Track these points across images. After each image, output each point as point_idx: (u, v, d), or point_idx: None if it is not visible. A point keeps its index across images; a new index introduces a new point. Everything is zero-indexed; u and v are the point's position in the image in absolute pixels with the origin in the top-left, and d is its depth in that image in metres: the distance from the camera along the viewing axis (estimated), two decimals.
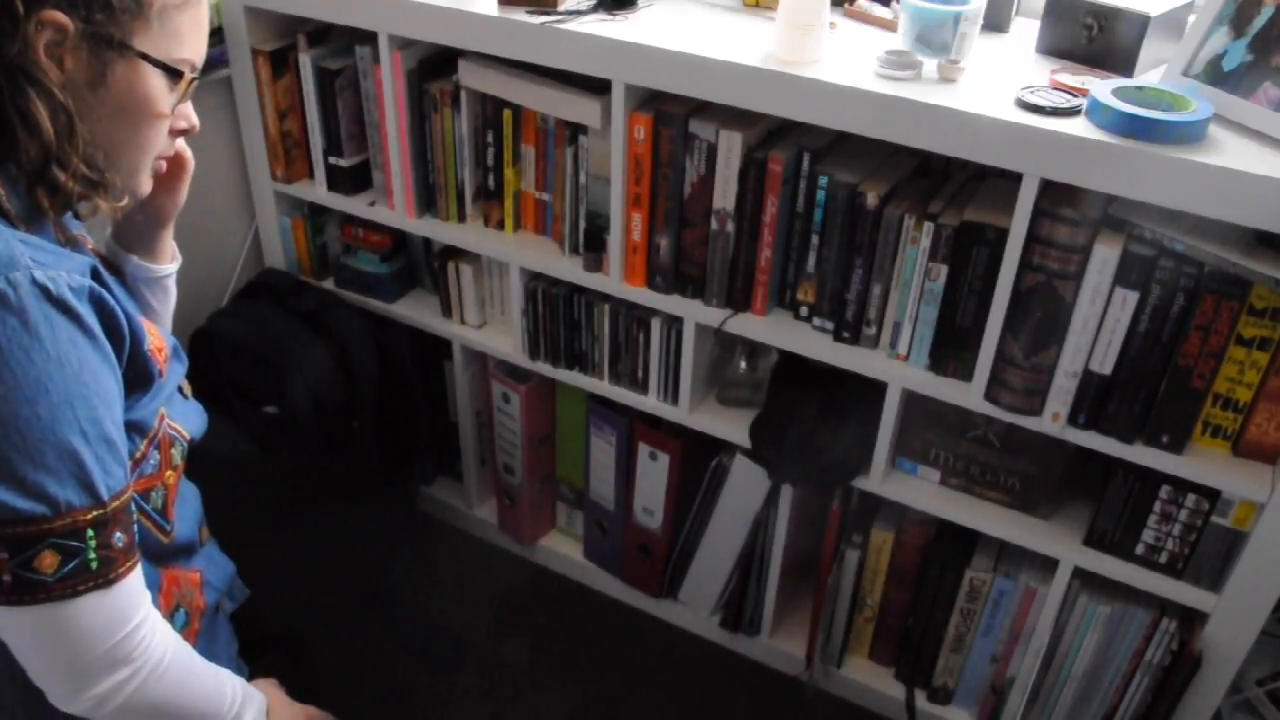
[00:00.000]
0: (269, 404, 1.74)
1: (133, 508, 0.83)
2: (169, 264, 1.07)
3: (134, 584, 0.82)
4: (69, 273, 0.77)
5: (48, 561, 0.76)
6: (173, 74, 0.84)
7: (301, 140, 1.83)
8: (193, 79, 0.86)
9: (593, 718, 1.80)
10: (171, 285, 1.08)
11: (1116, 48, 1.33)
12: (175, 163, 1.00)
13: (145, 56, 0.82)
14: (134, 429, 0.87)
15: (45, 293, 0.74)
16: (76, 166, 0.80)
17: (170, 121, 0.88)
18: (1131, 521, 1.41)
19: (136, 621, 0.82)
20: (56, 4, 0.77)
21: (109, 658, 0.81)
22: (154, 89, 0.84)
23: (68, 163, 0.79)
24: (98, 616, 0.79)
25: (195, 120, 0.92)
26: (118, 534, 0.80)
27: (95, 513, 0.77)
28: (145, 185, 0.90)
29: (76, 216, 0.88)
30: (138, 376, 0.87)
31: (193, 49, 0.87)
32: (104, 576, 0.79)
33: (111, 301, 0.80)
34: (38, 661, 0.81)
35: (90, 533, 0.77)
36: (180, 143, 0.97)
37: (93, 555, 0.77)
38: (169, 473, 0.94)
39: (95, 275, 0.80)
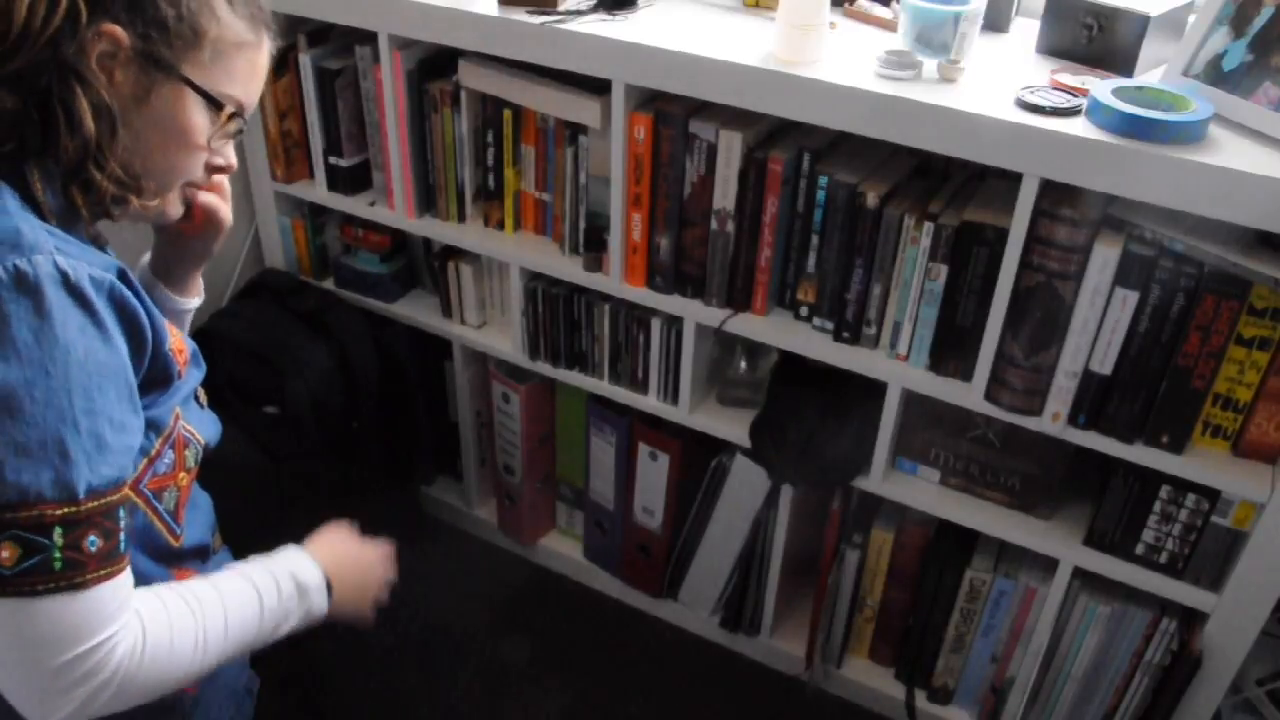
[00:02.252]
0: (269, 404, 1.74)
1: (121, 514, 0.79)
2: (194, 299, 1.09)
3: (104, 596, 0.76)
4: (92, 265, 0.76)
5: (6, 554, 0.72)
6: (215, 105, 0.85)
7: (301, 140, 1.83)
8: (233, 115, 0.87)
9: (593, 718, 1.80)
10: (190, 318, 1.10)
11: (1116, 48, 1.33)
12: (209, 218, 1.00)
13: (190, 83, 0.82)
14: (150, 426, 0.86)
15: (64, 278, 0.74)
16: (113, 169, 0.80)
17: (207, 156, 0.88)
18: (1131, 521, 1.41)
19: (102, 638, 0.76)
20: (117, 18, 0.77)
21: (70, 672, 0.75)
22: (194, 118, 0.84)
23: (104, 163, 0.79)
24: (57, 622, 0.74)
25: (234, 160, 0.93)
26: (91, 537, 0.76)
27: (65, 510, 0.74)
28: (174, 210, 0.91)
29: (109, 218, 0.89)
30: (158, 376, 0.86)
31: (243, 90, 0.87)
32: (67, 580, 0.74)
33: (133, 301, 0.79)
34: None
35: (58, 530, 0.74)
36: (216, 200, 0.99)
37: (57, 555, 0.74)
38: (182, 474, 0.93)
39: (122, 276, 0.80)
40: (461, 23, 1.50)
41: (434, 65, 1.66)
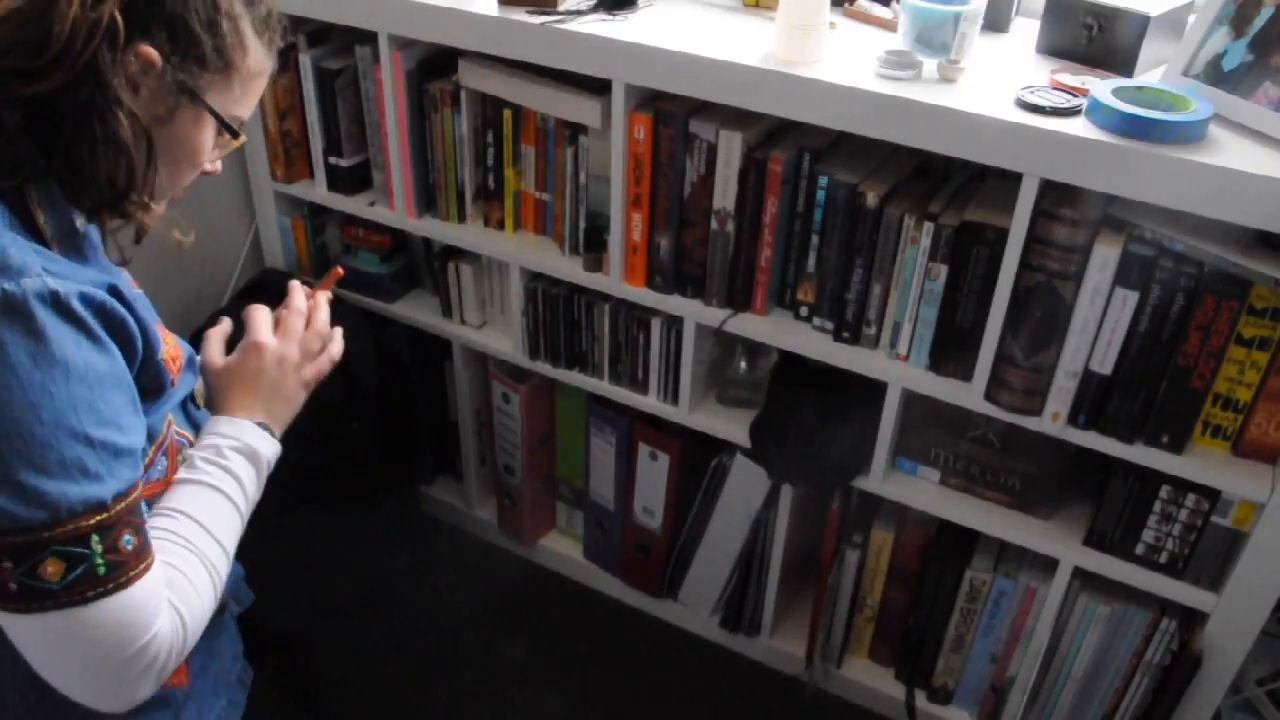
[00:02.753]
0: None
1: (144, 508, 0.82)
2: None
3: (149, 588, 0.79)
4: (79, 283, 0.77)
5: (51, 570, 0.74)
6: (231, 132, 0.87)
7: (301, 140, 1.83)
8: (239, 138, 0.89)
9: (593, 718, 1.80)
10: None
11: (1116, 48, 1.33)
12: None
13: (214, 112, 0.84)
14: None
15: (53, 298, 0.75)
16: (143, 199, 0.82)
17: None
18: (1131, 521, 1.41)
19: (155, 630, 0.80)
20: (155, 41, 0.78)
21: (136, 664, 0.79)
22: (206, 140, 0.86)
23: (141, 189, 0.81)
24: (112, 622, 0.77)
25: (219, 166, 0.95)
26: (126, 536, 0.78)
27: (99, 517, 0.76)
28: (159, 212, 0.92)
29: (136, 241, 0.90)
30: (150, 384, 0.87)
31: (249, 109, 0.90)
32: (114, 581, 0.77)
33: (121, 311, 0.80)
34: (62, 673, 0.79)
35: (95, 538, 0.76)
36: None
37: (100, 561, 0.76)
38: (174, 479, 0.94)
39: (113, 291, 0.80)
40: (461, 23, 1.50)
41: (434, 65, 1.66)
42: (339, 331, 1.15)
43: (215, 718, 1.05)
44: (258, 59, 0.87)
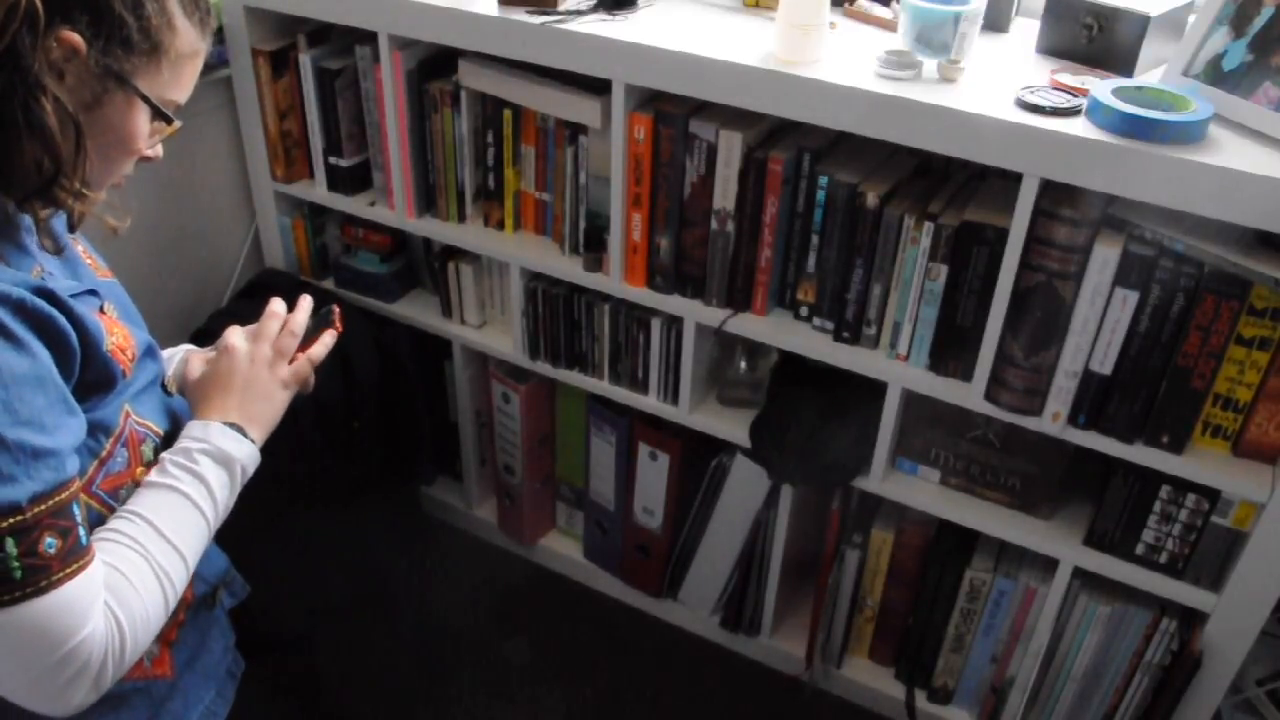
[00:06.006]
0: None
1: (75, 510, 0.79)
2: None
3: (76, 593, 0.78)
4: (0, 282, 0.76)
5: None
6: (164, 118, 0.85)
7: (301, 140, 1.83)
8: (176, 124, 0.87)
9: (593, 717, 1.80)
10: None
11: (1116, 48, 1.33)
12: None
13: (144, 97, 0.82)
14: (98, 428, 0.86)
15: None
16: (74, 183, 0.80)
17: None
18: (1131, 521, 1.41)
19: (84, 634, 0.78)
20: (77, 26, 0.76)
21: (64, 670, 0.77)
22: (139, 126, 0.84)
23: (72, 178, 0.79)
24: (31, 627, 0.75)
25: (160, 152, 0.92)
26: (48, 540, 0.76)
27: (12, 520, 0.74)
28: (99, 200, 0.90)
29: (71, 229, 0.88)
30: (98, 378, 0.85)
31: (186, 93, 0.88)
32: (33, 585, 0.75)
33: (49, 311, 0.78)
34: None
35: (9, 541, 0.74)
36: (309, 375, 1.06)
37: (15, 564, 0.74)
38: (140, 469, 0.92)
39: (39, 291, 0.78)
40: (461, 23, 1.50)
41: (434, 65, 1.66)
42: (328, 336, 1.12)
43: (204, 709, 1.04)
44: (188, 40, 0.84)
